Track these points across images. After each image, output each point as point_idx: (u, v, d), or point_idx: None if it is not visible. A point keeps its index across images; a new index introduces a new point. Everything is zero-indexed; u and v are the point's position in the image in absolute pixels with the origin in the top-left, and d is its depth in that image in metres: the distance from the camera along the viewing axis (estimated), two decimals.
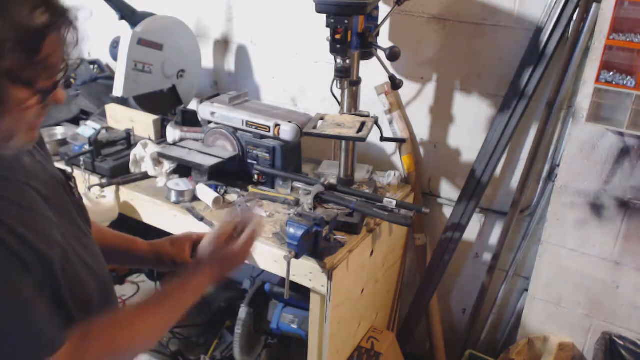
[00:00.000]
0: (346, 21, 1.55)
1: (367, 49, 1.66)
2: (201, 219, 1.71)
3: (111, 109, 2.19)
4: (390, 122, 2.06)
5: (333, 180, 1.79)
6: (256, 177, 1.87)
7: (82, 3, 0.83)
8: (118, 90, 2.07)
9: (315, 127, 1.67)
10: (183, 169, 1.92)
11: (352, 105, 1.76)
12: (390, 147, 2.16)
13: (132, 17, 2.14)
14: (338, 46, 1.59)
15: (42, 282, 0.80)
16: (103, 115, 2.22)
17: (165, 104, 2.25)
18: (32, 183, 0.85)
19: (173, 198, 1.80)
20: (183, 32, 2.26)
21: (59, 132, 2.18)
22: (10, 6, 0.69)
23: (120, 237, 1.22)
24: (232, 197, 1.83)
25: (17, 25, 0.69)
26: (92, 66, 2.66)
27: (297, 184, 1.85)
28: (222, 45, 2.43)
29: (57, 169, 0.98)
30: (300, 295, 1.75)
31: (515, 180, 1.96)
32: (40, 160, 0.92)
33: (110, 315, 0.94)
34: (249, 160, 1.89)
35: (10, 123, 0.75)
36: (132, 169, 1.95)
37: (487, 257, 2.10)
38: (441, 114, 2.01)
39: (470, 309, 2.19)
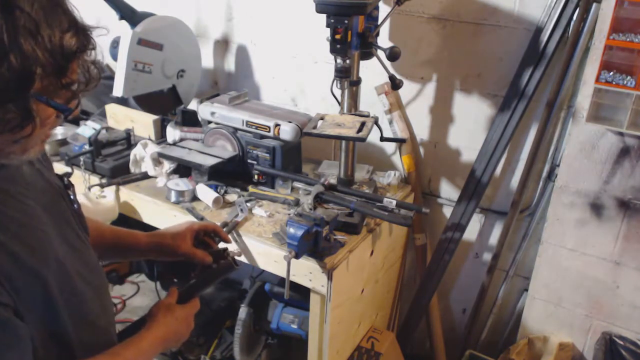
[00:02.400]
0: (346, 21, 1.54)
1: (367, 49, 1.66)
2: (201, 219, 1.71)
3: (111, 109, 2.19)
4: (390, 122, 2.06)
5: (333, 180, 1.79)
6: (256, 177, 1.87)
7: (85, 5, 0.83)
8: (118, 90, 2.06)
9: (315, 127, 1.67)
10: (183, 169, 1.92)
11: (352, 105, 1.76)
12: (390, 147, 2.16)
13: (132, 17, 2.13)
14: (338, 46, 1.59)
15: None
16: (103, 115, 2.22)
17: (165, 104, 2.25)
18: (31, 194, 0.85)
19: (173, 198, 1.80)
20: (183, 32, 2.25)
21: (59, 132, 2.17)
22: (42, 31, 0.70)
23: (119, 232, 1.22)
24: (232, 197, 1.83)
25: (49, 49, 0.71)
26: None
27: (297, 184, 1.85)
28: (222, 45, 2.43)
29: (56, 176, 0.98)
30: (300, 295, 1.75)
31: (515, 180, 1.96)
32: (39, 169, 0.92)
33: None
34: (249, 160, 1.89)
35: (31, 139, 0.77)
36: (132, 169, 1.95)
37: (487, 257, 2.10)
38: (441, 114, 2.01)
39: (470, 309, 2.19)
